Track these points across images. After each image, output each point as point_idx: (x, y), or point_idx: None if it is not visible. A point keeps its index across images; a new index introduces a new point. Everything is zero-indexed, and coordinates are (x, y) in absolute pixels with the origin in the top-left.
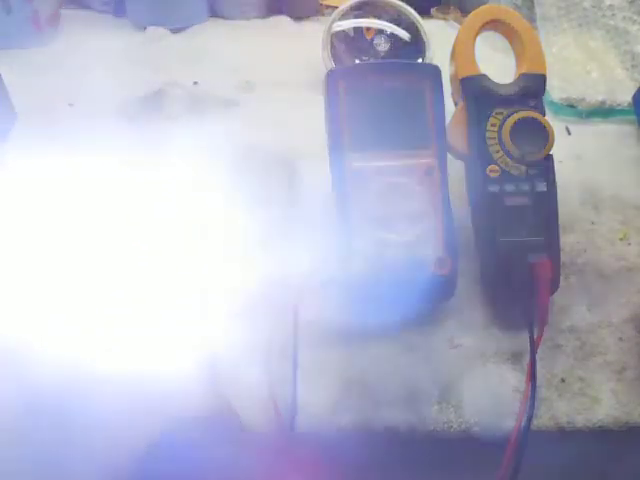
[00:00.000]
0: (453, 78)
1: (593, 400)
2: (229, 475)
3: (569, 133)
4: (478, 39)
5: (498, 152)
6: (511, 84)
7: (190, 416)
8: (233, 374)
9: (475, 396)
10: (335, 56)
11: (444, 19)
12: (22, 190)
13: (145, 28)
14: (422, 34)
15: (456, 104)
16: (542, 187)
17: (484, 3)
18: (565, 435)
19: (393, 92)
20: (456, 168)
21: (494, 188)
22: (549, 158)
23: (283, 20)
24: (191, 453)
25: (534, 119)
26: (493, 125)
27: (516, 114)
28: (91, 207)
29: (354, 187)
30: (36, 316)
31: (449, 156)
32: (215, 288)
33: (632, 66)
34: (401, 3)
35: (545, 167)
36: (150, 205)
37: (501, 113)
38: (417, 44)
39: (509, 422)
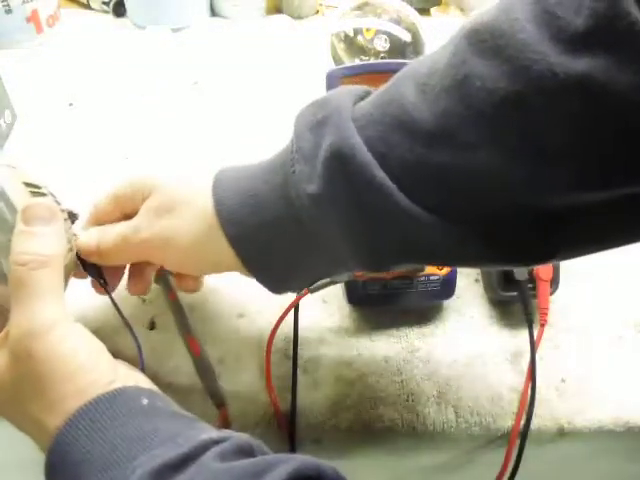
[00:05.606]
0: None
1: (593, 400)
2: None
3: None
4: None
5: None
6: None
7: None
8: (233, 374)
9: (475, 396)
10: (335, 56)
11: (444, 19)
12: None
13: (145, 28)
14: (422, 34)
15: None
16: None
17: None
18: (565, 435)
19: None
20: None
21: None
22: None
23: (283, 20)
24: None
25: None
26: None
27: None
28: None
29: None
30: None
31: None
32: (214, 287)
33: None
34: (401, 3)
35: None
36: None
37: None
38: (417, 44)
39: (509, 422)
